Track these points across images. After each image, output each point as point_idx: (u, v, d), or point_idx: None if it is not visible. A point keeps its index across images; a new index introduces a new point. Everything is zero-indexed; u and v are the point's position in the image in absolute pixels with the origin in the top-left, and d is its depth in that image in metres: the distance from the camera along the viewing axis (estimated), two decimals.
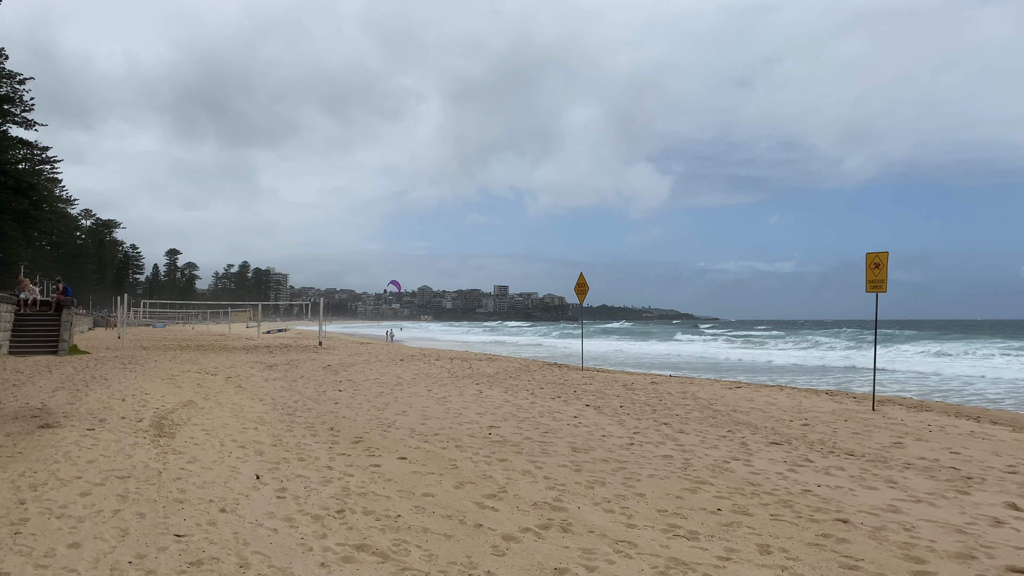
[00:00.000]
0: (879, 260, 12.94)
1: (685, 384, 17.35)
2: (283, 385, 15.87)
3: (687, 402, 13.54)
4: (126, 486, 6.51)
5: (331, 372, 19.22)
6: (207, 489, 6.47)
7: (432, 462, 7.84)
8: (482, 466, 7.64)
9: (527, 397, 14.07)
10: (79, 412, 11.25)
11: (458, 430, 10.07)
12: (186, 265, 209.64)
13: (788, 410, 12.71)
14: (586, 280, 22.04)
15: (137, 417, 10.85)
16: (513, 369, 21.44)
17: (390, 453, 8.35)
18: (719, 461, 8.06)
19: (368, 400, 13.36)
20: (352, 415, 11.44)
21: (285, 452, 8.34)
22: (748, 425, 10.86)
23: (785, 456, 8.44)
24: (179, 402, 12.69)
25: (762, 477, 7.27)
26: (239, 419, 10.93)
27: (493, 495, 6.37)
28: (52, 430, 9.59)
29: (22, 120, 72.26)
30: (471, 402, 13.21)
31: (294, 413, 11.64)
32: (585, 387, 16.09)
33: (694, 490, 6.65)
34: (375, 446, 8.78)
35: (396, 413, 11.70)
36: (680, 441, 9.33)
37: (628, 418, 11.38)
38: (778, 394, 15.48)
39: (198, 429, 9.92)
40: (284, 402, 12.99)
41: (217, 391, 14.50)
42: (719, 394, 15.07)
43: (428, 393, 14.61)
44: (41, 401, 12.49)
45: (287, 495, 6.32)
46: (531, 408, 12.45)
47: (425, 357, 26.88)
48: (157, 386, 15.15)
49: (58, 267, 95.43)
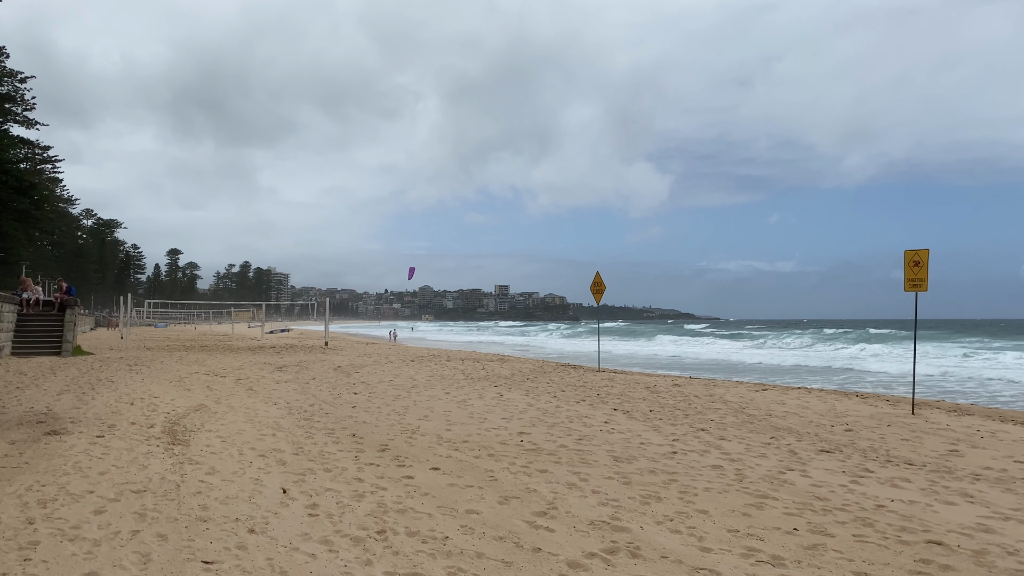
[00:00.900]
0: (919, 257, 12.40)
1: (709, 386, 16.82)
2: (296, 388, 15.35)
3: (717, 406, 13.02)
4: (143, 502, 5.99)
5: (343, 374, 18.70)
6: (231, 505, 5.95)
7: (467, 473, 7.32)
8: (522, 478, 7.11)
9: (550, 400, 13.54)
10: (87, 417, 10.73)
11: (487, 437, 9.55)
12: (187, 265, 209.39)
13: (824, 414, 12.18)
14: (603, 279, 21.50)
15: (148, 423, 10.33)
16: (527, 370, 20.91)
17: (421, 463, 7.83)
18: (773, 471, 7.54)
19: (386, 404, 12.84)
20: (373, 420, 10.92)
21: (309, 462, 7.82)
22: (789, 431, 10.34)
23: (840, 465, 7.91)
24: (190, 406, 12.17)
25: (826, 490, 6.74)
26: (255, 424, 10.41)
27: (543, 512, 5.85)
28: (59, 437, 9.07)
29: (23, 119, 71.80)
30: (493, 406, 12.69)
31: (311, 418, 11.12)
32: (607, 390, 15.56)
33: (759, 505, 6.13)
34: (403, 455, 8.26)
35: (418, 418, 11.18)
36: (724, 449, 8.81)
37: (662, 423, 10.85)
38: (807, 397, 14.96)
39: (213, 436, 9.40)
40: (299, 406, 12.47)
41: (228, 394, 13.98)
42: (747, 397, 14.54)
43: (447, 396, 14.09)
44: (46, 405, 11.98)
45: (319, 512, 5.79)
46: (557, 412, 11.92)
47: (435, 358, 26.35)
48: (166, 389, 14.63)
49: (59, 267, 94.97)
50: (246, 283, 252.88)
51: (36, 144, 79.85)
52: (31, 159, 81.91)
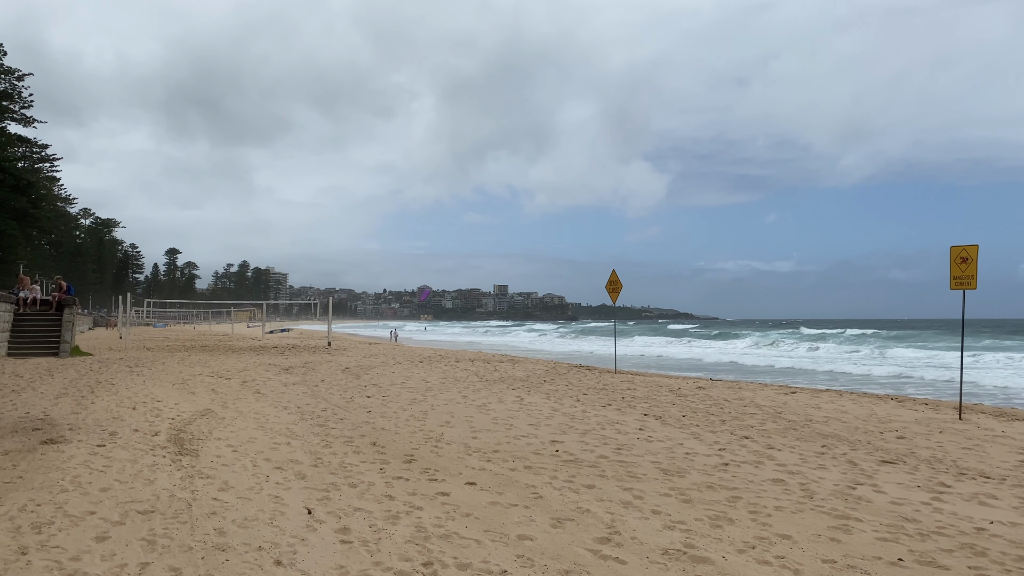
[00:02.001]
0: (967, 254, 11.73)
1: (735, 389, 16.14)
2: (305, 391, 14.65)
3: (751, 410, 12.34)
4: (151, 525, 5.30)
5: (352, 376, 18.00)
6: (251, 529, 5.26)
7: (508, 489, 6.63)
8: (569, 495, 6.43)
9: (575, 405, 12.86)
10: (86, 424, 10.04)
11: (517, 445, 8.87)
12: (186, 265, 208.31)
13: (866, 419, 11.51)
14: (619, 278, 20.81)
15: (152, 430, 9.64)
16: (542, 371, 20.23)
17: (453, 476, 7.14)
18: (841, 487, 6.86)
19: (403, 408, 12.15)
20: (391, 427, 10.23)
21: (330, 475, 7.13)
22: (837, 438, 9.66)
23: (911, 479, 7.23)
24: (196, 411, 11.48)
25: (909, 509, 6.06)
26: (266, 432, 9.72)
27: (606, 538, 5.16)
28: (57, 446, 8.38)
29: (20, 117, 71.07)
30: (516, 410, 12.00)
31: (326, 424, 10.43)
32: (631, 393, 14.88)
33: (845, 528, 5.45)
34: (432, 467, 7.57)
35: (439, 424, 10.50)
36: (778, 460, 8.13)
37: (700, 430, 10.17)
38: (840, 400, 14.27)
39: (223, 445, 8.71)
40: (311, 411, 11.78)
41: (235, 398, 13.28)
42: (778, 400, 13.86)
43: (464, 400, 13.40)
44: (43, 410, 11.28)
45: (352, 538, 5.11)
46: (585, 418, 11.24)
47: (443, 359, 25.66)
48: (169, 392, 13.93)
49: (57, 266, 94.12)
50: (244, 283, 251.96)
51: (34, 142, 78.91)
52: (28, 157, 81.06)
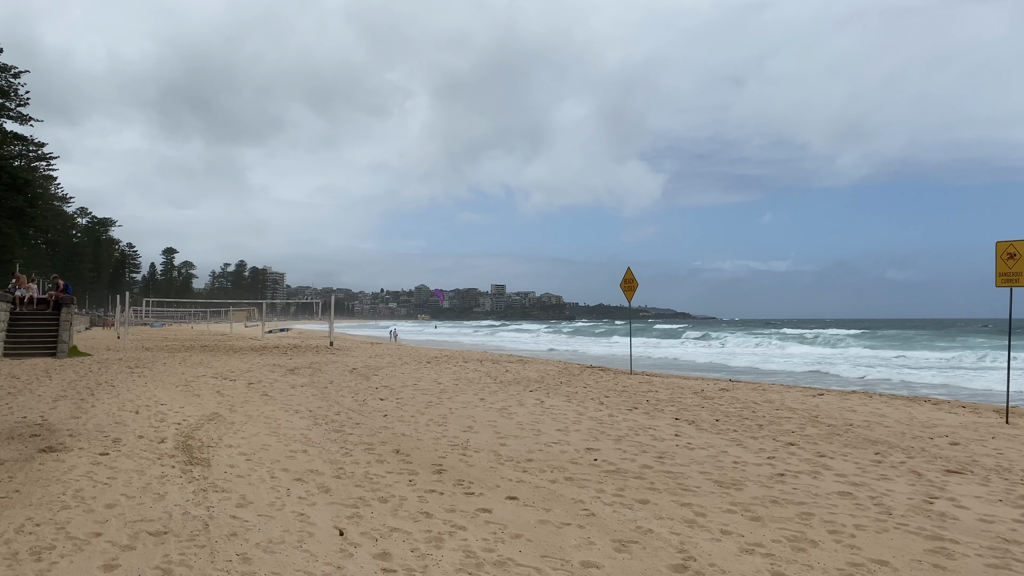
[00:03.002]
0: (1015, 249, 11.16)
1: (759, 391, 15.55)
2: (314, 393, 14.04)
3: (785, 414, 11.75)
4: (166, 550, 4.69)
5: (361, 377, 17.38)
6: (279, 555, 4.65)
7: (554, 505, 6.03)
8: (623, 512, 5.83)
9: (599, 408, 12.26)
10: (87, 429, 9.42)
11: (551, 453, 8.27)
12: (183, 264, 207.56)
13: (908, 423, 10.94)
14: (634, 276, 20.21)
15: (158, 436, 9.03)
16: (555, 372, 19.63)
17: (490, 489, 6.54)
18: (916, 501, 6.27)
19: (420, 412, 11.55)
20: (412, 432, 9.63)
21: (357, 488, 6.53)
22: (887, 444, 9.08)
23: (987, 491, 6.65)
24: (202, 415, 10.87)
25: (1004, 527, 5.47)
26: (280, 438, 9.11)
27: (682, 565, 4.57)
28: (56, 455, 7.77)
29: (16, 115, 70.34)
30: (539, 414, 11.40)
31: (342, 429, 9.83)
32: (653, 395, 14.28)
33: (944, 552, 4.86)
34: (465, 478, 6.97)
35: (462, 429, 9.90)
36: (835, 469, 7.54)
37: (741, 436, 9.58)
38: (872, 402, 13.69)
39: (235, 453, 8.10)
40: (324, 414, 11.17)
41: (243, 401, 12.67)
42: (809, 403, 13.28)
43: (482, 403, 12.80)
44: (41, 414, 10.67)
45: (395, 565, 4.51)
46: (615, 423, 10.65)
47: (450, 359, 25.05)
48: (172, 394, 13.31)
49: (54, 266, 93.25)
50: (242, 282, 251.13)
51: (30, 140, 78.12)
52: (24, 156, 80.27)
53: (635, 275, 20.24)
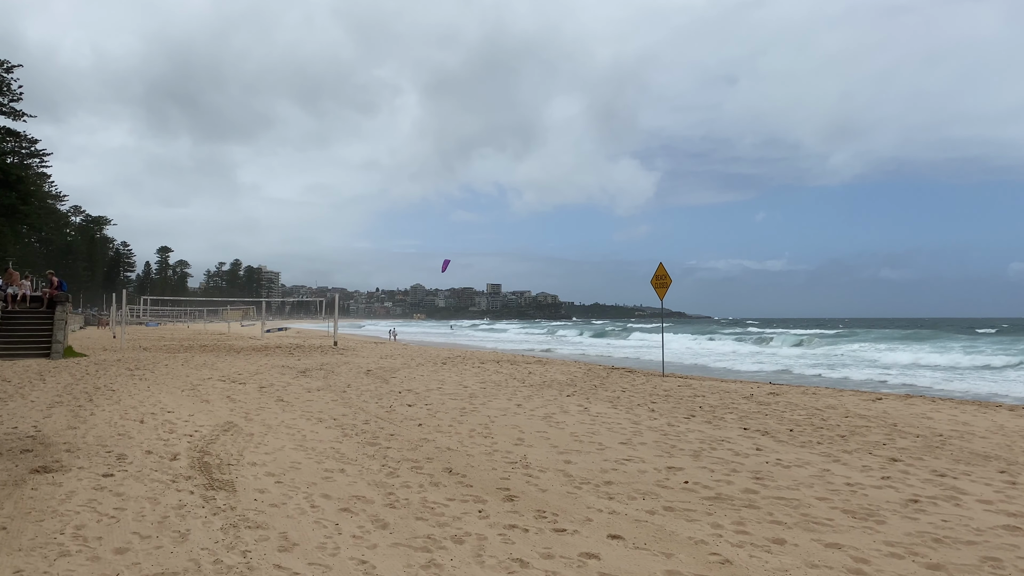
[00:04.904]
0: None
1: (811, 395, 14.41)
2: (333, 398, 12.85)
3: (859, 422, 10.62)
4: None
5: (378, 380, 16.20)
6: None
7: (672, 546, 4.88)
8: (762, 557, 4.68)
9: (653, 416, 11.12)
10: (87, 443, 8.24)
11: (629, 473, 7.12)
12: (178, 263, 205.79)
13: (996, 431, 9.82)
14: (667, 271, 19.08)
15: (168, 451, 7.85)
16: (580, 374, 18.49)
17: (581, 523, 5.39)
18: None
19: (456, 420, 10.39)
20: (458, 446, 8.46)
21: (419, 522, 5.36)
22: (1005, 460, 7.94)
23: None
24: (216, 425, 9.69)
25: None
26: (309, 452, 7.94)
27: None
28: (52, 476, 6.60)
29: (9, 110, 68.86)
30: (590, 423, 10.26)
31: (376, 442, 8.66)
32: (702, 400, 13.14)
33: None
34: (544, 508, 5.82)
35: (512, 442, 8.74)
36: (973, 493, 6.40)
37: (831, 449, 8.43)
38: (944, 407, 12.57)
39: (262, 473, 6.93)
40: (351, 423, 10.00)
41: (257, 407, 11.48)
42: (875, 408, 12.15)
43: (520, 409, 11.65)
44: (34, 424, 9.48)
45: None
46: (679, 434, 9.51)
47: (464, 359, 23.89)
48: (179, 400, 12.12)
49: (48, 264, 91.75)
50: (237, 281, 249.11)
51: (23, 136, 76.64)
52: (17, 152, 78.67)
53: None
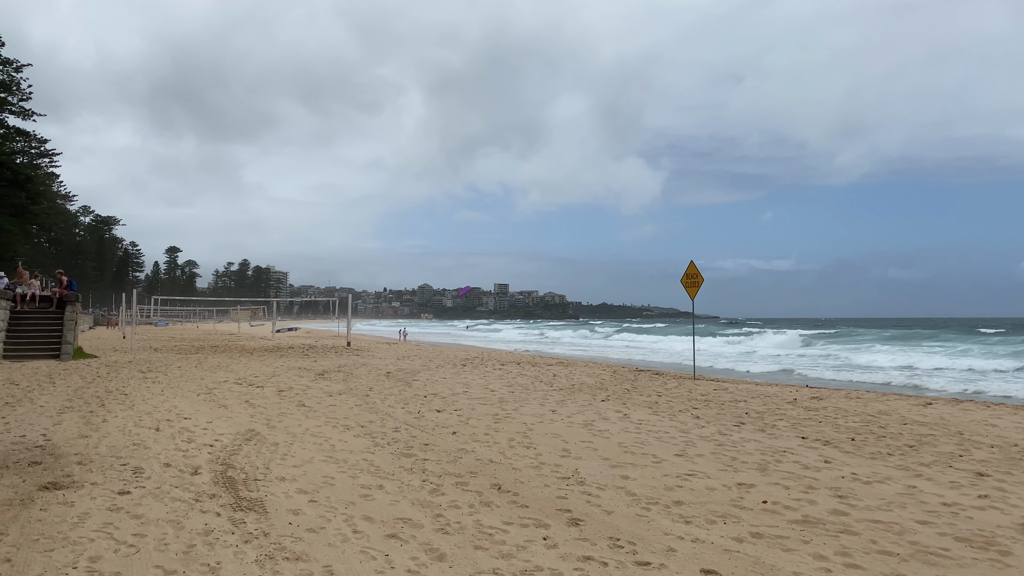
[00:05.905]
0: None
1: (855, 400, 13.69)
2: (357, 403, 12.21)
3: (921, 429, 9.91)
4: None
5: (401, 383, 15.56)
6: None
7: None
8: None
9: (700, 424, 10.43)
10: (100, 454, 7.62)
11: (697, 491, 6.45)
12: (186, 263, 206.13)
13: None
14: (698, 270, 18.38)
15: (189, 464, 7.22)
16: (608, 377, 17.81)
17: (664, 553, 4.72)
18: None
19: (491, 428, 9.73)
20: (500, 458, 7.81)
21: (479, 552, 4.70)
22: None
23: None
24: (237, 433, 9.06)
25: None
26: (340, 465, 7.30)
27: None
28: (62, 495, 5.97)
29: (19, 109, 68.50)
30: (635, 432, 9.58)
31: (411, 452, 8.01)
32: (746, 406, 12.44)
33: None
34: (615, 534, 5.15)
35: (558, 454, 8.07)
36: None
37: (906, 462, 7.74)
38: (998, 412, 11.84)
39: (293, 490, 6.29)
40: (380, 431, 9.36)
41: (278, 413, 10.85)
42: (931, 414, 11.44)
43: (555, 415, 10.99)
44: (43, 432, 8.88)
45: None
46: (734, 444, 8.83)
47: (483, 361, 23.25)
48: (196, 405, 11.50)
49: (57, 264, 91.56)
50: (245, 281, 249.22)
51: (33, 136, 76.34)
52: (27, 152, 78.40)
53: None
